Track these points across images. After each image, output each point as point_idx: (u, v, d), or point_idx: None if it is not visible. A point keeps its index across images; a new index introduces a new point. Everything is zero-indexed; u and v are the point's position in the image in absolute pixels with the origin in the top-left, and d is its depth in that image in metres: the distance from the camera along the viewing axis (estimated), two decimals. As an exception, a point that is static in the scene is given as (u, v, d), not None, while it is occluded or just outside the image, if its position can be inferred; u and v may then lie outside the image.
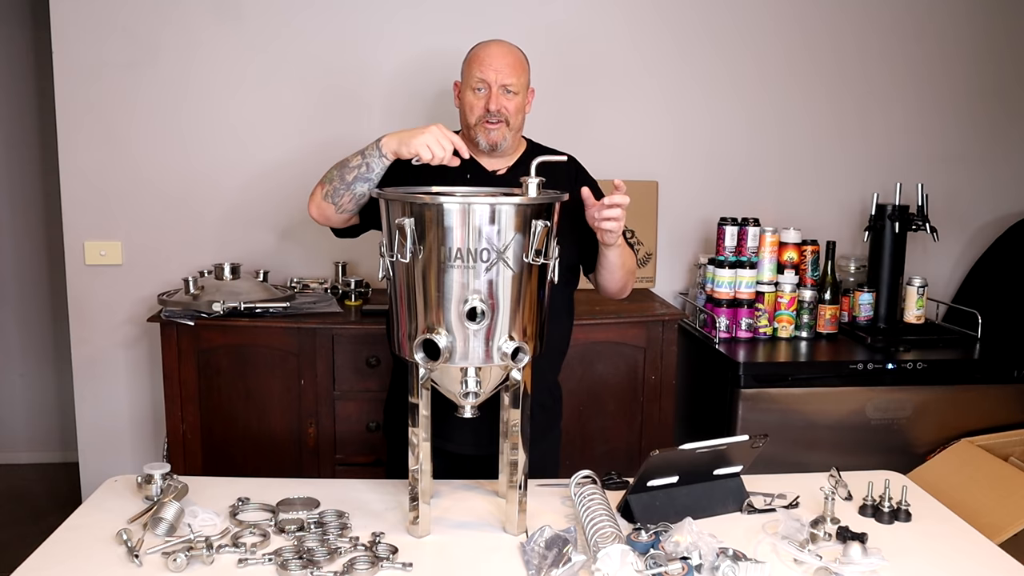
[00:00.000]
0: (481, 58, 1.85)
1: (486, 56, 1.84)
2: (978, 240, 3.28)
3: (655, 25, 3.03)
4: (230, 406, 2.53)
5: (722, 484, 1.64)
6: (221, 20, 2.85)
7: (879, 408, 2.62)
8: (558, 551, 1.38)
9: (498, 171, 1.90)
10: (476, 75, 1.83)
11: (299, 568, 1.36)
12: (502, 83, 1.82)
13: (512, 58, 1.85)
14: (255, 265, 2.86)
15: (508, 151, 1.90)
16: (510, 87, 1.83)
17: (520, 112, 1.87)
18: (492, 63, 1.83)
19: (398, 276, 1.46)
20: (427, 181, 1.69)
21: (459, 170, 1.83)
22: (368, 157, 1.74)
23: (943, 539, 1.56)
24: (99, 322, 2.93)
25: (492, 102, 1.82)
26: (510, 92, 1.84)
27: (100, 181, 2.87)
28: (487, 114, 1.83)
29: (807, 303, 2.83)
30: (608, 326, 2.60)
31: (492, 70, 1.82)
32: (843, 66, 3.12)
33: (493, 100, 1.82)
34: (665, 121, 3.08)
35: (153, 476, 1.58)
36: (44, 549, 1.44)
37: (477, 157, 1.91)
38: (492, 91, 1.82)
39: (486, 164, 1.90)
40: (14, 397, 3.83)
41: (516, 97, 1.85)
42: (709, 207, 3.08)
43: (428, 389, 1.50)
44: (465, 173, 1.85)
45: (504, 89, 1.83)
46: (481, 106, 1.83)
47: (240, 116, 2.90)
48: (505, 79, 1.83)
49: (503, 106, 1.83)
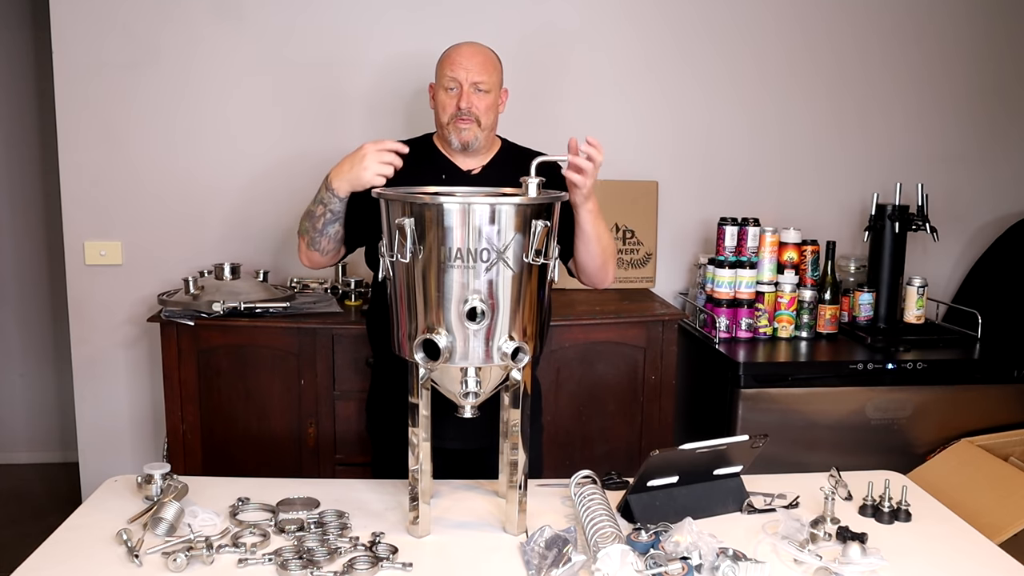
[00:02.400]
0: (452, 58, 1.89)
1: (457, 56, 1.89)
2: (978, 240, 3.28)
3: (655, 25, 3.02)
4: (230, 406, 2.53)
5: (722, 484, 1.64)
6: (221, 20, 2.85)
7: (879, 408, 2.62)
8: (558, 551, 1.38)
9: (472, 170, 1.92)
10: (448, 74, 1.87)
11: (299, 568, 1.36)
12: (473, 81, 1.86)
13: (483, 57, 1.89)
14: (255, 265, 2.86)
15: (481, 150, 1.93)
16: (480, 85, 1.87)
17: (492, 111, 1.90)
18: (463, 62, 1.87)
19: (398, 276, 1.46)
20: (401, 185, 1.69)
21: (434, 170, 1.85)
22: (328, 203, 1.78)
23: (943, 539, 1.56)
24: (99, 322, 2.93)
25: (463, 100, 1.85)
26: (481, 90, 1.87)
27: (100, 181, 2.87)
28: (459, 112, 1.86)
29: (807, 303, 2.83)
30: (608, 326, 2.60)
31: (463, 69, 1.86)
32: (843, 66, 3.12)
33: (464, 98, 1.86)
34: (665, 121, 3.08)
35: (153, 476, 1.58)
36: (44, 549, 1.44)
37: (452, 157, 1.94)
38: (463, 89, 1.86)
39: (460, 163, 1.93)
40: (14, 397, 3.82)
41: (487, 95, 1.88)
42: (709, 207, 3.08)
43: (428, 389, 1.50)
44: (440, 173, 1.87)
45: (475, 87, 1.87)
46: (453, 104, 1.87)
47: (241, 116, 2.90)
48: (475, 77, 1.86)
49: (474, 104, 1.86)
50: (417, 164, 1.91)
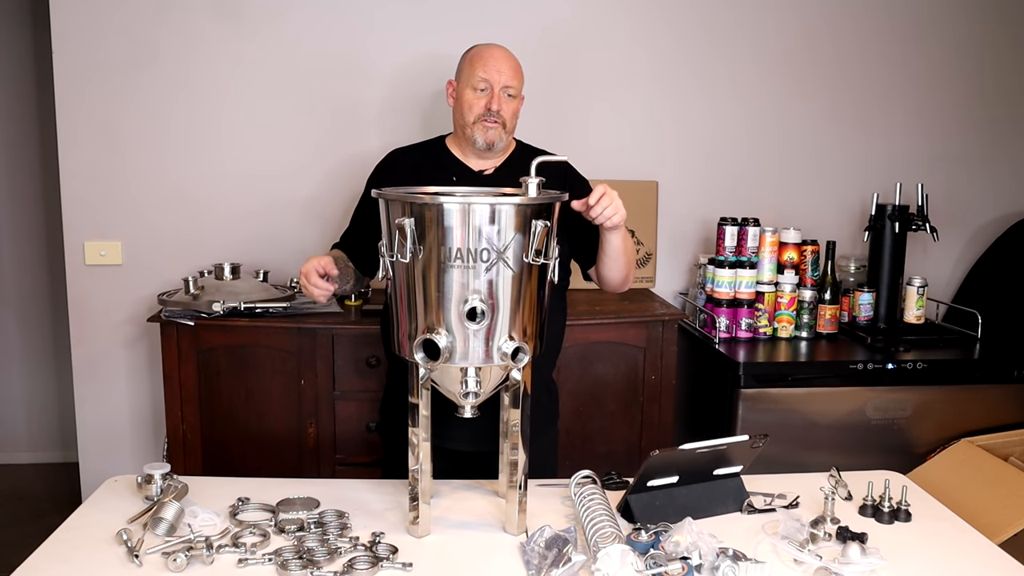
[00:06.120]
0: (485, 58, 1.88)
1: (490, 57, 1.88)
2: (978, 240, 3.28)
3: (655, 25, 3.02)
4: (230, 406, 2.53)
5: (722, 484, 1.64)
6: (221, 20, 2.85)
7: (879, 408, 2.62)
8: (558, 551, 1.38)
9: (485, 171, 1.92)
10: (479, 74, 1.86)
11: (299, 568, 1.36)
12: (504, 84, 1.86)
13: (514, 62, 1.90)
14: (255, 265, 2.85)
15: (498, 151, 1.93)
16: (510, 90, 1.87)
17: (515, 116, 1.91)
18: (496, 64, 1.86)
19: (398, 276, 1.46)
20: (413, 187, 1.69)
21: (444, 173, 1.85)
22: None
23: (943, 539, 1.56)
24: (99, 322, 2.93)
25: (494, 102, 1.85)
26: (509, 95, 1.88)
27: (100, 181, 2.87)
28: (487, 113, 1.85)
29: (807, 303, 2.83)
30: (608, 326, 2.60)
31: (495, 71, 1.86)
32: (843, 66, 3.12)
33: (495, 100, 1.85)
34: (665, 121, 3.08)
35: (153, 476, 1.59)
36: (44, 549, 1.44)
37: (464, 158, 1.93)
38: (494, 92, 1.86)
39: (473, 165, 1.93)
40: (14, 397, 3.83)
41: (513, 101, 1.89)
42: (709, 207, 3.08)
43: (428, 389, 1.50)
44: (451, 176, 1.87)
45: (505, 91, 1.87)
46: (482, 105, 1.86)
47: (240, 115, 2.90)
48: (508, 81, 1.86)
49: (503, 107, 1.86)
50: (427, 167, 1.91)
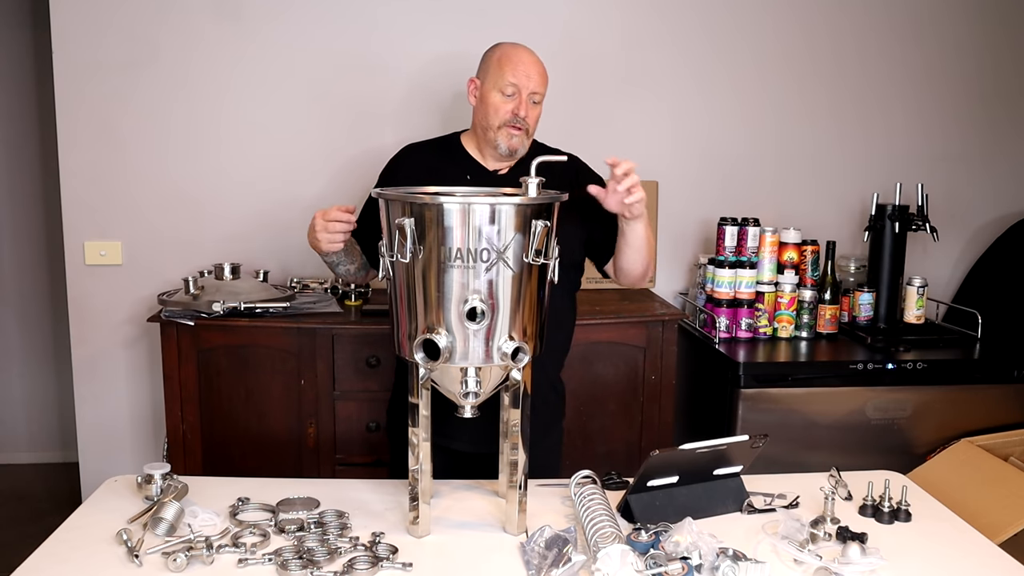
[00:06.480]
0: (514, 62, 1.82)
1: (519, 61, 1.82)
2: (978, 240, 3.28)
3: (655, 25, 3.02)
4: (230, 406, 2.53)
5: (722, 484, 1.64)
6: (221, 20, 2.85)
7: (879, 408, 2.62)
8: (558, 551, 1.38)
9: (499, 171, 1.89)
10: (508, 78, 1.81)
11: (299, 568, 1.36)
12: (532, 90, 1.82)
13: (542, 67, 1.85)
14: (255, 265, 2.86)
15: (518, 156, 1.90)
16: (535, 96, 1.84)
17: (537, 122, 1.88)
18: (526, 69, 1.82)
19: (398, 276, 1.46)
20: (427, 184, 1.69)
21: (459, 171, 1.83)
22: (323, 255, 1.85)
23: (943, 539, 1.55)
24: (99, 322, 2.93)
25: (522, 108, 1.81)
26: (535, 102, 1.84)
27: (100, 181, 2.87)
28: (514, 118, 1.81)
29: (807, 303, 2.83)
30: (608, 326, 2.60)
31: (525, 76, 1.81)
32: (843, 66, 3.12)
33: (523, 106, 1.81)
34: (665, 121, 3.08)
35: (153, 476, 1.58)
36: (44, 549, 1.44)
37: (480, 157, 1.91)
38: (522, 97, 1.81)
39: (487, 164, 1.90)
40: (14, 397, 3.83)
41: (537, 107, 1.86)
42: (709, 207, 3.08)
43: (428, 389, 1.50)
44: (465, 174, 1.85)
45: (532, 97, 1.83)
46: (509, 110, 1.81)
47: (240, 115, 2.90)
48: (536, 87, 1.82)
49: (529, 113, 1.82)
50: (442, 164, 1.89)
